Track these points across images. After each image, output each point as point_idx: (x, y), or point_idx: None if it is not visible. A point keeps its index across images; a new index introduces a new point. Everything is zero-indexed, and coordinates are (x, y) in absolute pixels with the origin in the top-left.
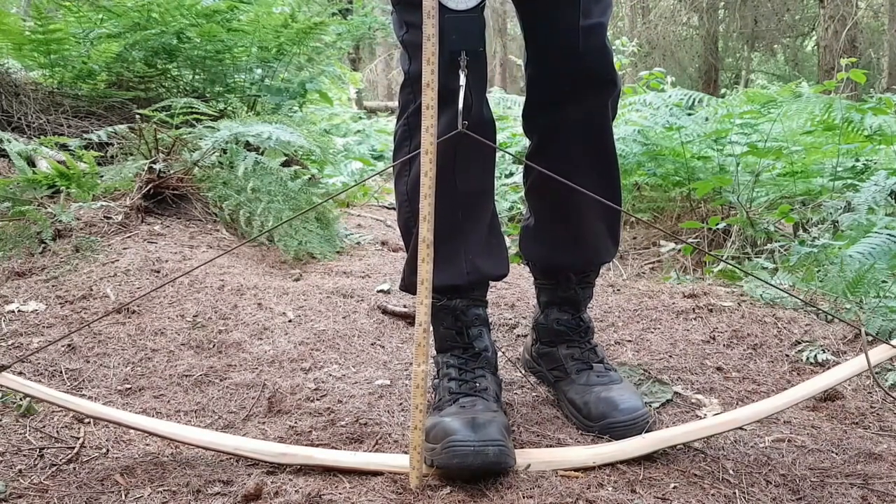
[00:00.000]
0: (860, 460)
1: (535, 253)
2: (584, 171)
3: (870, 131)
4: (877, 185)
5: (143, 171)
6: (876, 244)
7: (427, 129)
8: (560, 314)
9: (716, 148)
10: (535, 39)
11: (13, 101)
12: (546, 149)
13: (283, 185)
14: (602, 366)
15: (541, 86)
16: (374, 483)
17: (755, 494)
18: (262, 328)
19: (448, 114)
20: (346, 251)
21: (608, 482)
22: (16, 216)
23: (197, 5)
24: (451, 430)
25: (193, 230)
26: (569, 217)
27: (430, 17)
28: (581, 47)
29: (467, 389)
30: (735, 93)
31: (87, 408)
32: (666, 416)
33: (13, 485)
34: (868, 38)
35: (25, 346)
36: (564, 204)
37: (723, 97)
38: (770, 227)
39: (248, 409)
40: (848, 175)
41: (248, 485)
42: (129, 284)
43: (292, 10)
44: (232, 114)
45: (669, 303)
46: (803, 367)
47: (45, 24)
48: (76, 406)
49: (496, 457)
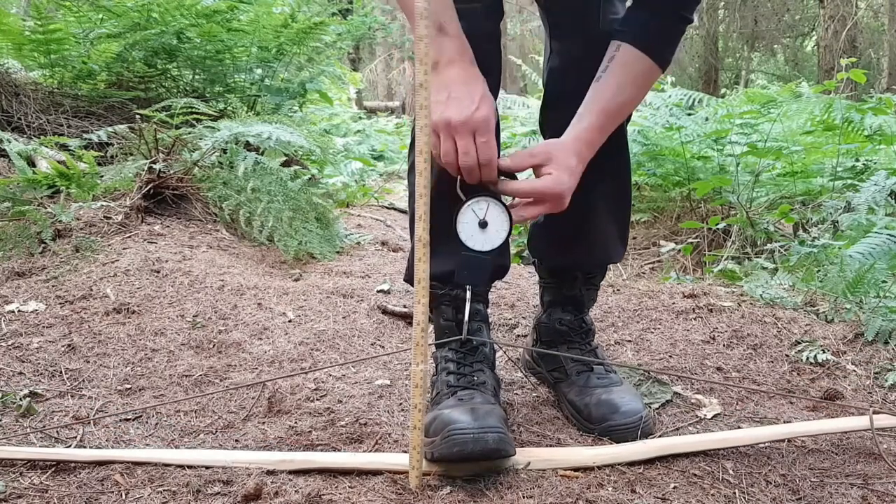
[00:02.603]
0: (860, 460)
1: (544, 251)
2: (597, 170)
3: (870, 131)
4: (877, 185)
5: (143, 171)
6: (876, 244)
7: (421, 128)
8: (563, 314)
9: (716, 148)
10: (560, 32)
11: (13, 101)
12: None
13: (283, 185)
14: (602, 367)
15: (563, 77)
16: (374, 483)
17: (755, 494)
18: (262, 328)
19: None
20: (346, 251)
21: (608, 482)
22: (16, 216)
23: (197, 5)
24: (450, 419)
25: (193, 230)
26: (579, 216)
27: (423, 18)
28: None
29: (465, 383)
30: (735, 93)
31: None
32: (666, 417)
33: (13, 485)
34: (868, 38)
35: (25, 346)
36: (575, 203)
37: (723, 97)
38: (770, 227)
39: (248, 409)
40: (848, 175)
41: (248, 485)
42: (129, 284)
43: (292, 10)
44: (232, 114)
45: (669, 303)
46: (803, 368)
47: (45, 24)
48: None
49: (496, 443)
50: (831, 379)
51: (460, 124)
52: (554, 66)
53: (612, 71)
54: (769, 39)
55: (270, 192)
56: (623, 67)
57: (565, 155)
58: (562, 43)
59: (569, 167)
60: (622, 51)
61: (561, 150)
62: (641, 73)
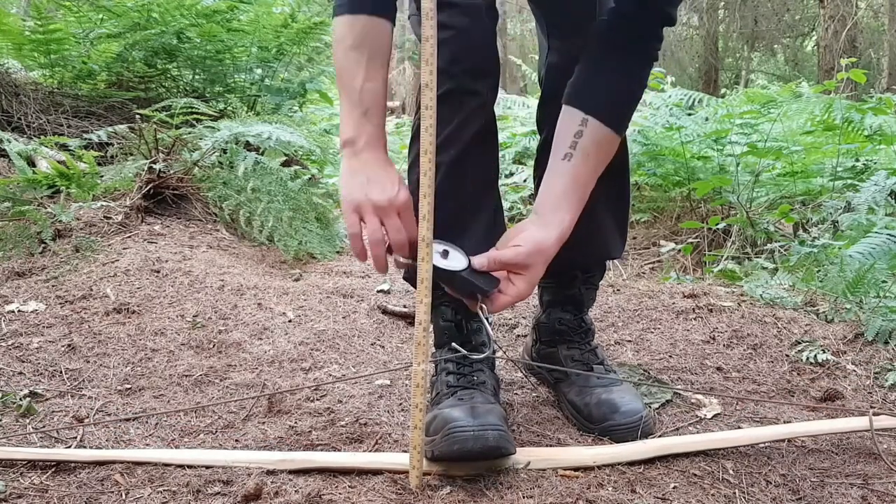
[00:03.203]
0: (860, 460)
1: None
2: None
3: (870, 131)
4: (877, 185)
5: (143, 171)
6: (876, 244)
7: (426, 129)
8: (563, 314)
9: (716, 148)
10: (558, 31)
11: (13, 101)
12: None
13: (283, 185)
14: (602, 367)
15: (562, 75)
16: (374, 483)
17: (755, 494)
18: (262, 328)
19: (458, 117)
20: (346, 251)
21: (608, 482)
22: (16, 216)
23: (197, 5)
24: (450, 417)
25: (193, 230)
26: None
27: (429, 19)
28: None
29: (465, 383)
30: (735, 93)
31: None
32: (666, 417)
33: (13, 485)
34: (868, 38)
35: (25, 346)
36: None
37: (723, 97)
38: (770, 227)
39: (248, 409)
40: (848, 175)
41: (248, 485)
42: (129, 284)
43: (292, 10)
44: (232, 114)
45: (669, 303)
46: (803, 368)
47: (45, 24)
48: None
49: (496, 441)
50: (831, 379)
51: (387, 205)
52: (552, 64)
53: (586, 156)
54: (769, 39)
55: (270, 192)
56: (597, 148)
57: (543, 261)
58: (559, 41)
59: (538, 275)
60: (591, 128)
61: (541, 256)
62: (610, 152)
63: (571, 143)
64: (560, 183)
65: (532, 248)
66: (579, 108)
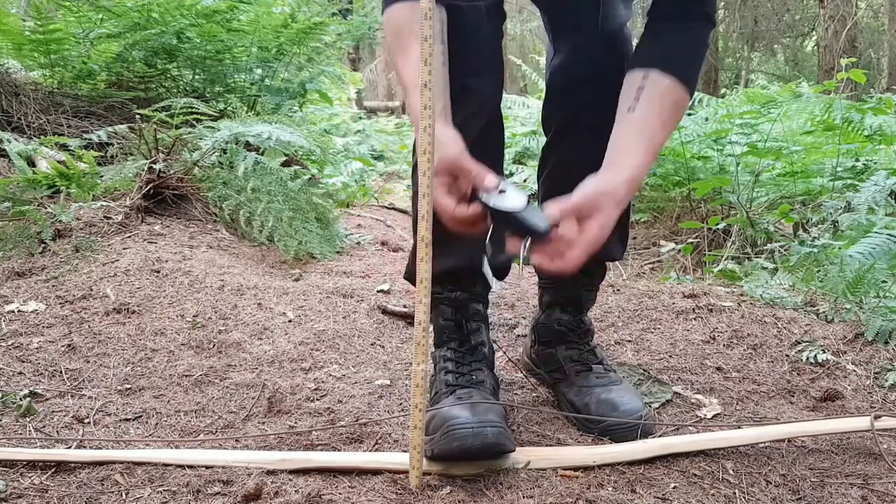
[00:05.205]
0: (860, 460)
1: None
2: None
3: (870, 131)
4: (877, 185)
5: (143, 171)
6: (876, 244)
7: (426, 129)
8: (562, 314)
9: (716, 148)
10: (561, 31)
11: (13, 101)
12: (563, 139)
13: (283, 185)
14: (602, 367)
15: (566, 75)
16: (374, 483)
17: (755, 494)
18: (262, 328)
19: (464, 111)
20: (346, 251)
21: (608, 482)
22: (16, 216)
23: (197, 5)
24: (449, 415)
25: (193, 230)
26: None
27: (429, 19)
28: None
29: (464, 381)
30: (735, 93)
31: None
32: (666, 417)
33: (13, 485)
34: (868, 38)
35: (25, 346)
36: None
37: (723, 97)
38: (770, 227)
39: (248, 409)
40: (848, 175)
41: (248, 485)
42: (129, 284)
43: (292, 10)
44: (232, 114)
45: (669, 303)
46: (803, 368)
47: (45, 24)
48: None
49: (495, 437)
50: (831, 379)
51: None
52: (557, 64)
53: (651, 104)
54: (769, 39)
55: (270, 192)
56: (661, 98)
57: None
58: (563, 42)
59: (611, 218)
60: (653, 79)
61: (610, 198)
62: (678, 103)
63: (635, 96)
64: (626, 132)
65: (602, 188)
66: (638, 66)
